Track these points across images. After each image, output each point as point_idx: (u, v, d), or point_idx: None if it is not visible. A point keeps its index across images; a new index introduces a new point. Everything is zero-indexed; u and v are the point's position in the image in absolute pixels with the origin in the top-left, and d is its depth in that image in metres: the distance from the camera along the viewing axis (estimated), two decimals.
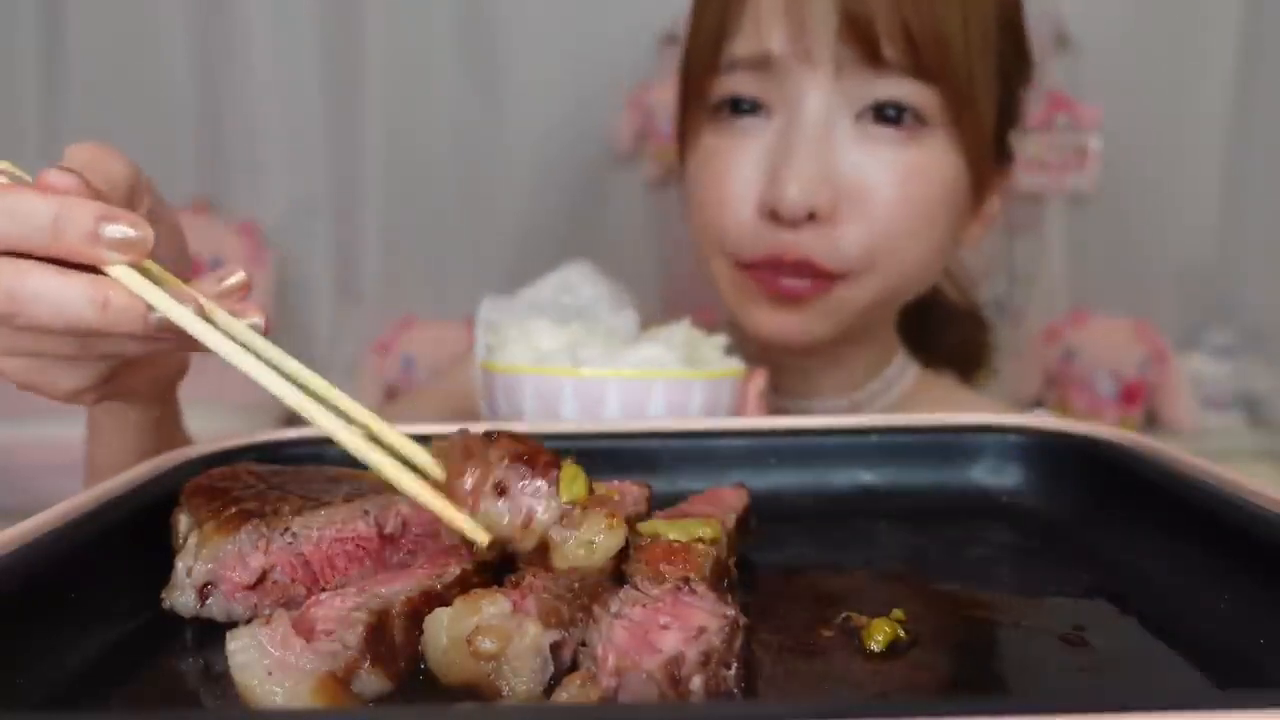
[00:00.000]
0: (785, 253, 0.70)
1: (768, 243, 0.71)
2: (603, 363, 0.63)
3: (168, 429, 0.59)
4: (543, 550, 0.40)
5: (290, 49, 1.49)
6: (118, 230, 0.40)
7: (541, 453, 0.42)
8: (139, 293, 0.40)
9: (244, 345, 0.41)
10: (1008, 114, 0.76)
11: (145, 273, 0.41)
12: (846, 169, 0.69)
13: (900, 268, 0.72)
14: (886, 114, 0.69)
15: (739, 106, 0.72)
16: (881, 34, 0.66)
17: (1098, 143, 1.46)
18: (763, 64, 0.70)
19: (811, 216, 0.69)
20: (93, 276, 0.40)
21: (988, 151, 0.73)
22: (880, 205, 0.70)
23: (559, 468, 0.41)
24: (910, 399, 0.84)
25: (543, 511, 0.40)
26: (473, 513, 0.40)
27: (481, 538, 0.39)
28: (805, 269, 0.71)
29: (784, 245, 0.70)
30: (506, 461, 0.41)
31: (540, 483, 0.41)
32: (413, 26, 1.48)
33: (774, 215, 0.70)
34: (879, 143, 0.70)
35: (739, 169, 0.72)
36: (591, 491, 0.41)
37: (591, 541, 0.40)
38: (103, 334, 0.41)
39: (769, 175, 0.70)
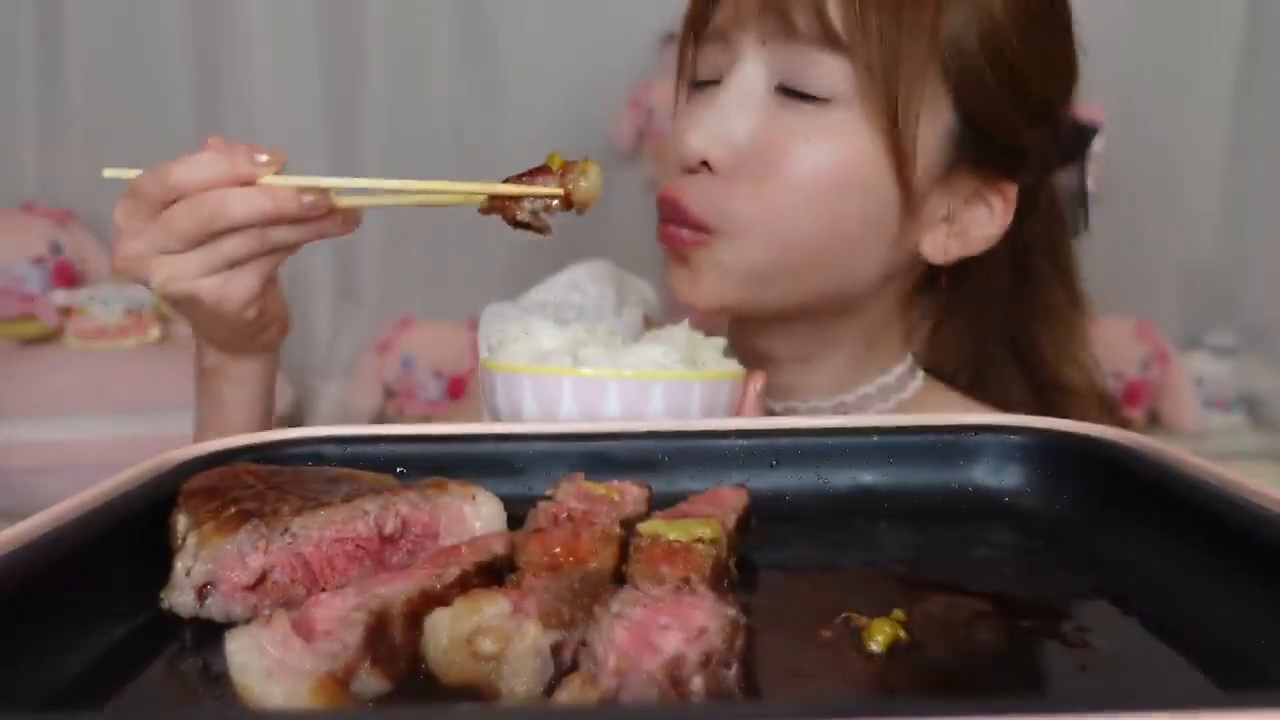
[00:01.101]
0: (665, 191, 0.74)
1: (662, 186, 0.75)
2: (603, 363, 0.63)
3: (273, 391, 0.74)
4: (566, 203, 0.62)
5: (290, 49, 1.49)
6: (264, 155, 0.60)
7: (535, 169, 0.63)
8: (289, 184, 0.60)
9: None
10: (1003, 119, 0.73)
11: None
12: (753, 134, 0.71)
13: (785, 237, 0.72)
14: (798, 86, 0.71)
15: (701, 77, 0.76)
16: (793, 4, 0.69)
17: (1098, 143, 1.46)
18: (717, 36, 0.74)
19: (706, 166, 0.72)
20: (256, 187, 0.60)
21: (912, 136, 0.70)
22: (769, 170, 0.71)
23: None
24: (907, 407, 0.83)
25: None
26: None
27: (557, 191, 0.62)
28: (677, 211, 0.73)
29: (668, 188, 0.74)
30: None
31: (540, 178, 0.63)
32: (413, 26, 1.48)
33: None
34: (788, 112, 0.71)
35: (681, 131, 0.75)
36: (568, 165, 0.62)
37: (583, 176, 0.62)
38: (274, 220, 0.60)
39: None
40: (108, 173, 0.64)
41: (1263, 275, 1.54)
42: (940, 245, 0.77)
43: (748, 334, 0.82)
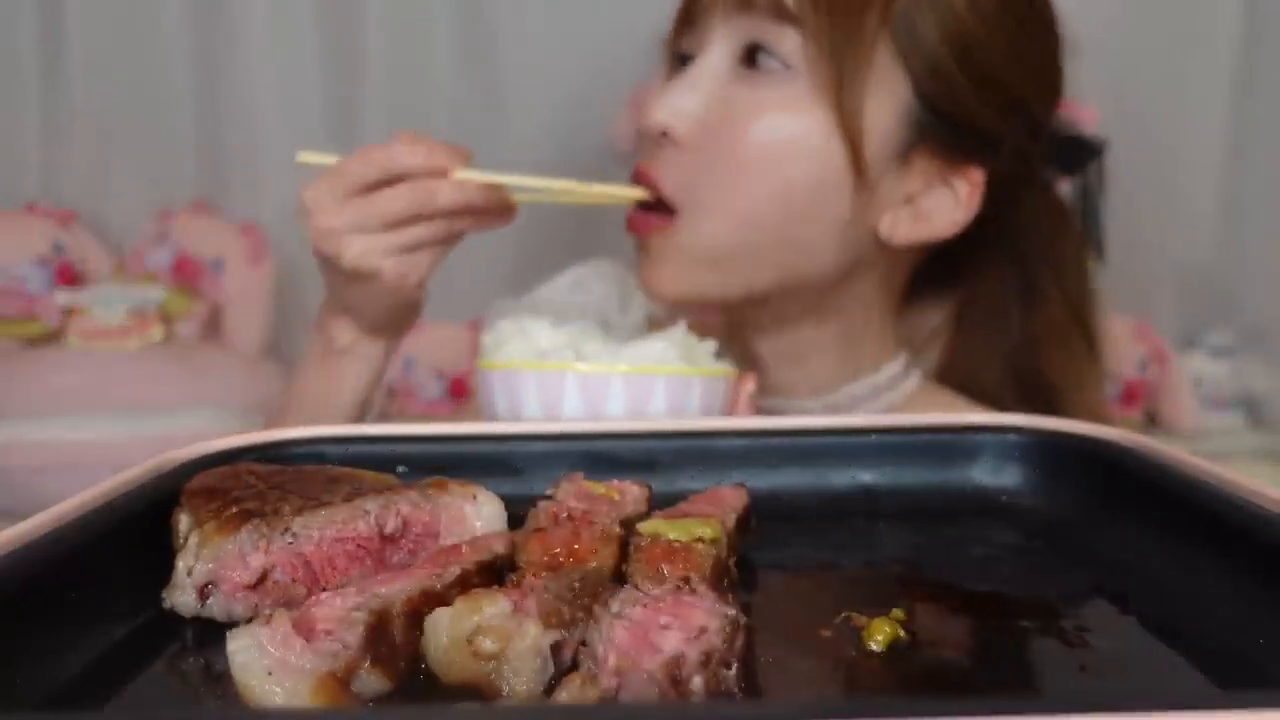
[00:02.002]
0: (639, 165, 0.77)
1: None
2: (604, 358, 0.64)
3: (382, 379, 0.79)
4: None
5: (290, 49, 1.49)
6: (455, 151, 0.69)
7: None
8: (477, 179, 0.69)
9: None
10: (965, 105, 0.73)
11: None
12: (710, 104, 0.74)
13: (736, 209, 0.74)
14: (754, 57, 0.73)
15: (682, 58, 0.78)
16: None
17: None
18: (696, 19, 0.76)
19: (666, 136, 0.74)
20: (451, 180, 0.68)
21: (857, 108, 0.70)
22: (725, 138, 0.73)
23: None
24: (900, 408, 0.83)
25: None
26: None
27: (639, 194, 0.74)
28: (647, 180, 0.75)
29: (641, 162, 0.77)
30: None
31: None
32: (413, 26, 1.48)
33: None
34: (746, 85, 0.73)
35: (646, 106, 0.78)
36: None
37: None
38: (461, 210, 0.68)
39: None
40: (302, 157, 0.71)
41: (1261, 275, 1.54)
42: (890, 224, 0.76)
43: (736, 334, 0.83)
